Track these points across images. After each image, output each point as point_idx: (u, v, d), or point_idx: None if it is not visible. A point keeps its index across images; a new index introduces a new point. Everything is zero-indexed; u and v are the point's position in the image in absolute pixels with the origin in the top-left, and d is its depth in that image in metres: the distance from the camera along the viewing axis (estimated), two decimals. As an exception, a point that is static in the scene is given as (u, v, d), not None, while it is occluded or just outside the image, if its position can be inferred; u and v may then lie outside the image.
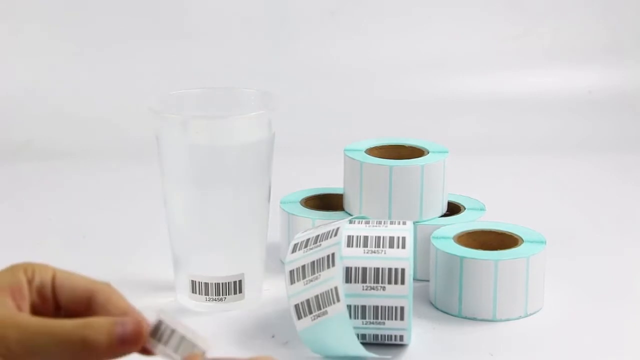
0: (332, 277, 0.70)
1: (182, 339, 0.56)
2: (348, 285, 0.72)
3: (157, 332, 0.55)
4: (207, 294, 0.80)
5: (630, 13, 1.51)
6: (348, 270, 0.72)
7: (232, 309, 0.81)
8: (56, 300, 0.57)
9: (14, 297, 0.56)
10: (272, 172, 0.82)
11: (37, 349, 0.53)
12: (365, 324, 0.72)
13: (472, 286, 0.79)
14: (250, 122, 0.79)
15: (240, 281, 0.81)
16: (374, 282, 0.72)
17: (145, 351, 0.55)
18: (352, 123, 1.37)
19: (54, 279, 0.57)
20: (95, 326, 0.54)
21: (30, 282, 0.57)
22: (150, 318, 0.56)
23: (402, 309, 0.72)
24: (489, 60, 1.48)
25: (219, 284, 0.80)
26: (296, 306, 0.71)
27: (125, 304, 0.57)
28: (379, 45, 1.48)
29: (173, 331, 0.56)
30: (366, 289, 0.72)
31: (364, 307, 0.72)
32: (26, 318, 0.54)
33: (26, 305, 0.56)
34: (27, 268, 0.57)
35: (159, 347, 0.55)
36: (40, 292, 0.57)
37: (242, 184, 0.79)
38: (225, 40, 1.47)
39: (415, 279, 0.84)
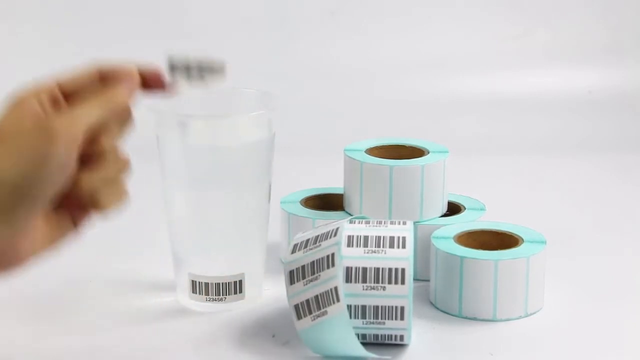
0: (332, 277, 0.70)
1: (200, 65, 0.61)
2: (348, 285, 0.72)
3: (173, 69, 0.60)
4: (207, 294, 0.80)
5: (630, 13, 1.51)
6: (348, 270, 0.72)
7: (233, 309, 0.81)
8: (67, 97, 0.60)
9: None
10: (272, 172, 0.82)
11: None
12: (366, 323, 0.72)
13: (472, 286, 0.79)
14: (250, 122, 0.79)
15: (240, 281, 0.81)
16: (374, 282, 0.72)
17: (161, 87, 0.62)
18: (352, 123, 1.37)
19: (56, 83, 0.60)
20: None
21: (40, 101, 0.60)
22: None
23: (402, 308, 0.72)
24: (489, 60, 1.48)
25: (219, 284, 0.80)
26: (296, 306, 0.71)
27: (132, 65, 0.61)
28: (379, 45, 1.48)
29: (188, 64, 0.61)
30: (366, 289, 0.72)
31: (364, 307, 0.72)
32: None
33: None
34: (28, 94, 0.60)
35: (182, 81, 0.60)
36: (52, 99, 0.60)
37: (242, 184, 0.79)
38: (225, 40, 1.47)
39: (415, 279, 0.84)
